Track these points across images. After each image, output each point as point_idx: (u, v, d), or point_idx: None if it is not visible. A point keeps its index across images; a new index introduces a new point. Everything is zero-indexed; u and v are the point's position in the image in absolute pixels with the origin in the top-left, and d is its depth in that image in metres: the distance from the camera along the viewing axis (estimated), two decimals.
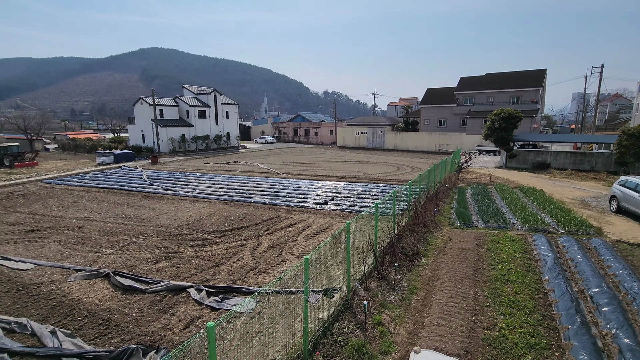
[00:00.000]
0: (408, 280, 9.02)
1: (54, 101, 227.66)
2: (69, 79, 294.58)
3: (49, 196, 19.36)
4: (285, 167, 31.14)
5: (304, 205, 16.87)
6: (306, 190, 20.60)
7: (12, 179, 24.51)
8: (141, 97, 45.53)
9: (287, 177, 25.62)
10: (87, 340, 6.64)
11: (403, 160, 37.86)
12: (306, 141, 67.66)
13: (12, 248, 11.45)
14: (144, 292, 8.40)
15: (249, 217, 14.94)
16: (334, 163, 34.87)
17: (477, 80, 53.83)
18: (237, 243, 11.86)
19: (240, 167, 31.86)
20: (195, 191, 20.32)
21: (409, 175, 26.14)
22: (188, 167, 31.49)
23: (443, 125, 55.45)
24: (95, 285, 8.84)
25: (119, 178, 25.26)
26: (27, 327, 6.92)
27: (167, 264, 10.12)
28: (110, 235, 12.72)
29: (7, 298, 8.23)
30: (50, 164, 32.98)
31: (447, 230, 13.31)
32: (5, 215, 15.37)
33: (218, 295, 8.19)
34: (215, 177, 25.73)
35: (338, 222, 14.24)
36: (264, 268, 9.82)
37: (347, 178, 25.19)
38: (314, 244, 11.68)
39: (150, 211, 16.10)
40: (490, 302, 7.84)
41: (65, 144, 47.72)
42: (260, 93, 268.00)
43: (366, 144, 55.08)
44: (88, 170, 28.87)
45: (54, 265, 10.00)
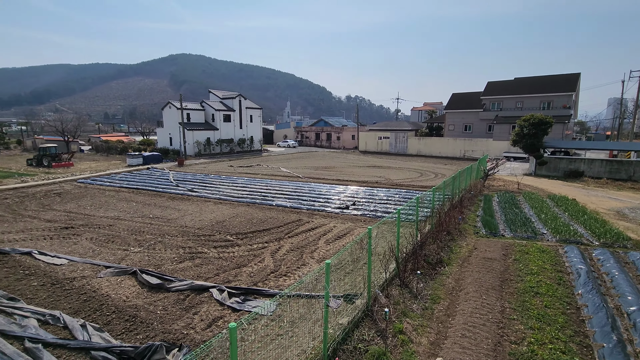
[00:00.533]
0: (431, 289, 8.80)
1: (89, 105, 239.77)
2: (104, 84, 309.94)
3: (83, 195, 20.33)
4: (307, 171, 31.29)
5: (325, 210, 16.86)
6: (327, 194, 20.60)
7: (50, 178, 25.93)
8: (170, 102, 47.17)
9: (309, 181, 25.73)
10: (115, 335, 6.88)
11: (426, 166, 37.17)
12: (328, 145, 67.79)
13: (48, 244, 12.08)
14: (169, 290, 8.63)
15: (271, 220, 15.09)
16: (356, 168, 34.72)
17: (505, 84, 52.24)
18: (258, 245, 11.99)
19: (263, 170, 32.30)
20: (219, 193, 20.76)
21: (432, 182, 25.63)
22: (212, 170, 32.24)
23: (468, 131, 54.10)
24: (123, 282, 9.17)
25: (147, 179, 26.19)
26: (60, 320, 7.26)
27: (190, 264, 10.36)
28: (138, 234, 13.18)
29: (43, 291, 8.67)
30: (85, 165, 34.68)
31: (472, 239, 12.91)
32: (42, 213, 16.26)
33: (239, 296, 8.29)
34: (238, 179, 26.20)
35: (359, 227, 14.12)
36: (284, 271, 9.86)
37: (369, 183, 24.99)
38: (335, 249, 11.63)
39: (175, 212, 16.58)
40: (518, 315, 7.52)
41: (98, 145, 50.08)
42: (284, 97, 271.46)
43: (388, 149, 54.52)
44: (119, 171, 30.13)
45: (85, 261, 10.47)
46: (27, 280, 9.27)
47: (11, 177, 26.00)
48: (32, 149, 49.80)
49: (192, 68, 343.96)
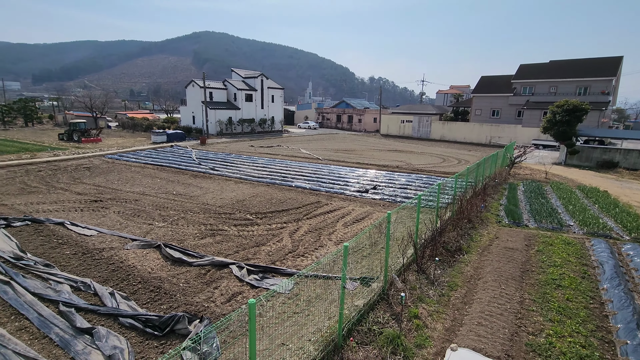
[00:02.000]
0: (448, 276, 8.74)
1: (116, 82, 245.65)
2: (130, 61, 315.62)
3: (110, 170, 21.12)
4: (327, 153, 31.19)
5: (344, 193, 16.85)
6: (347, 177, 20.53)
7: (80, 152, 27.03)
8: (193, 80, 47.59)
9: (329, 164, 25.67)
10: (140, 303, 7.25)
11: (450, 151, 36.26)
12: (349, 128, 67.05)
13: (79, 215, 12.71)
14: (191, 264, 8.96)
15: (290, 201, 15.24)
16: (376, 151, 34.29)
17: (539, 68, 49.50)
18: (277, 225, 12.18)
19: (283, 151, 32.43)
20: (239, 172, 21.08)
21: (455, 168, 25.03)
22: (234, 149, 32.66)
23: (496, 116, 52.04)
24: (148, 254, 9.58)
25: (171, 156, 26.86)
26: (91, 287, 7.71)
27: (211, 240, 10.67)
28: (162, 209, 13.65)
29: (75, 259, 9.19)
30: (112, 141, 35.87)
31: (494, 228, 12.63)
32: (74, 186, 17.04)
33: (257, 274, 8.51)
34: (258, 160, 26.46)
35: (378, 212, 14.07)
36: (302, 252, 10.01)
37: (389, 167, 24.69)
38: (353, 232, 11.67)
39: (198, 189, 17.00)
40: (538, 307, 7.38)
41: (124, 122, 51.53)
42: (306, 78, 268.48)
43: (411, 133, 53.39)
44: (144, 148, 31.01)
45: (113, 233, 10.97)
46: (61, 248, 9.84)
47: (44, 151, 27.26)
48: (63, 124, 51.83)
49: (215, 46, 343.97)
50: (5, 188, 16.13)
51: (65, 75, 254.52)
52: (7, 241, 9.99)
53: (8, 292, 7.40)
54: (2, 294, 7.35)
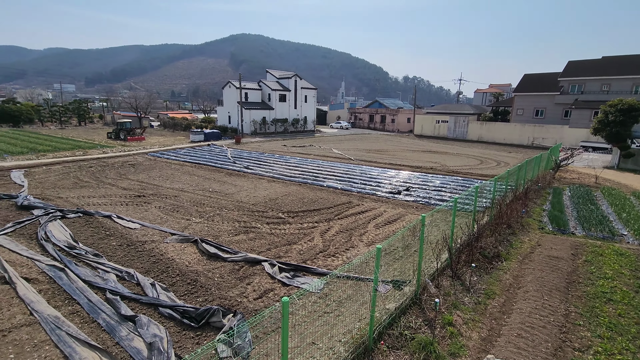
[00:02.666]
0: (485, 284, 8.38)
1: (158, 83, 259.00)
2: (171, 63, 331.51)
3: (152, 167, 22.30)
4: (358, 154, 30.99)
5: (375, 194, 16.66)
6: (379, 178, 20.27)
7: (125, 150, 28.78)
8: (230, 81, 49.11)
9: (360, 164, 25.49)
10: (178, 295, 7.60)
11: (488, 153, 34.73)
12: (382, 128, 66.16)
13: (124, 209, 13.54)
14: (225, 260, 9.25)
15: (321, 201, 15.30)
16: (410, 152, 33.57)
17: (590, 64, 46.11)
18: (308, 224, 12.28)
19: (315, 151, 32.62)
20: (272, 171, 21.47)
21: (493, 170, 23.94)
22: (267, 148, 33.33)
23: (540, 116, 49.13)
24: (186, 249, 10.02)
25: (208, 155, 27.89)
26: (134, 277, 8.18)
27: (245, 237, 10.96)
28: (199, 206, 14.21)
29: (120, 250, 9.81)
30: (154, 139, 37.86)
31: (536, 235, 11.93)
32: (119, 181, 18.18)
33: (289, 272, 8.62)
34: (291, 159, 26.80)
35: (410, 214, 13.77)
36: (333, 251, 10.02)
37: (423, 169, 24.08)
38: (384, 234, 11.51)
39: (232, 187, 17.52)
40: (585, 321, 6.89)
41: (165, 122, 54.19)
42: (339, 78, 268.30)
43: (446, 134, 51.74)
44: (183, 147, 32.45)
45: (154, 227, 11.58)
46: (108, 240, 10.53)
47: (95, 148, 29.31)
48: (111, 123, 55.43)
49: (251, 48, 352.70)
50: (61, 182, 17.53)
51: (114, 77, 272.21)
52: (62, 231, 10.85)
53: (63, 278, 8.04)
54: (58, 280, 7.99)
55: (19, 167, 20.55)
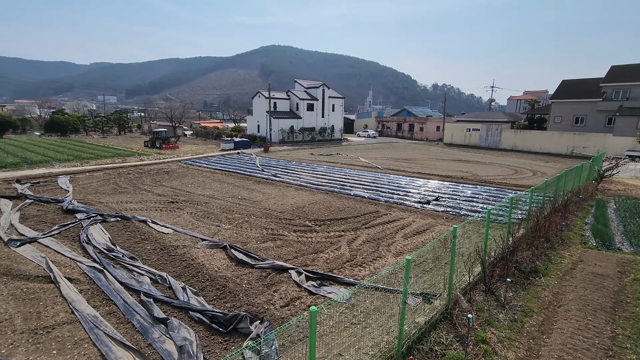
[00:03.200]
0: (522, 300, 7.93)
1: (192, 94, 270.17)
2: (205, 75, 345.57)
3: (185, 174, 23.16)
4: (386, 162, 30.64)
5: (403, 203, 16.35)
6: (407, 187, 19.91)
7: (161, 158, 30.11)
8: (259, 91, 50.40)
9: (388, 173, 25.17)
10: (207, 300, 7.76)
11: (523, 162, 33.23)
12: (410, 136, 65.16)
13: (158, 214, 14.10)
14: (253, 267, 9.37)
15: (348, 209, 15.21)
16: (439, 161, 32.77)
17: (636, 69, 43.25)
18: (335, 233, 12.22)
19: (342, 159, 32.61)
20: (299, 180, 21.65)
21: (529, 180, 22.84)
22: (294, 157, 33.71)
23: (580, 124, 46.51)
24: (215, 254, 10.25)
25: (237, 163, 28.60)
26: (166, 281, 8.46)
27: (272, 244, 11.07)
28: (228, 212, 14.54)
29: (154, 254, 10.19)
30: (187, 147, 39.38)
31: (578, 250, 11.20)
32: (155, 187, 19.00)
33: (315, 280, 8.59)
34: (318, 167, 26.94)
35: (440, 225, 13.37)
36: (359, 261, 9.89)
37: (453, 178, 23.39)
38: (413, 245, 11.24)
39: (260, 195, 17.82)
40: (633, 345, 6.34)
41: (198, 131, 56.30)
42: (366, 86, 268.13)
43: (478, 143, 50.12)
44: (214, 155, 33.50)
45: (186, 232, 11.96)
46: (143, 243, 10.99)
47: (132, 156, 30.89)
48: (148, 132, 58.29)
49: (280, 59, 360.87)
50: (102, 188, 18.57)
51: (152, 89, 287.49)
52: (102, 234, 11.45)
53: (101, 279, 8.45)
54: (97, 280, 8.42)
55: (65, 174, 22.02)
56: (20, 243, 10.61)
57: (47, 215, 13.70)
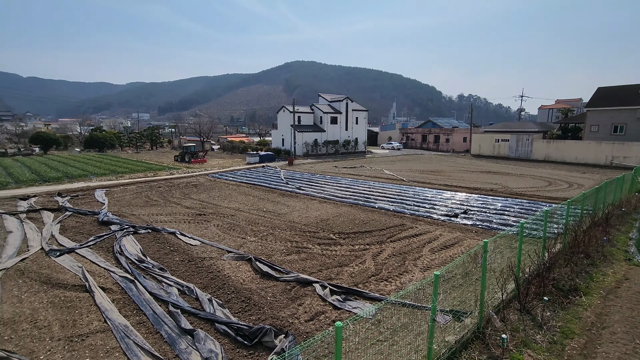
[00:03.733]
0: (561, 320, 7.43)
1: (220, 110, 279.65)
2: (232, 91, 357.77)
3: (212, 188, 23.77)
4: (411, 175, 30.14)
5: (430, 216, 15.94)
6: (433, 200, 19.43)
7: (189, 172, 31.14)
8: (284, 106, 51.43)
9: (413, 185, 24.72)
10: (233, 312, 7.81)
11: (557, 173, 31.68)
12: (435, 148, 63.97)
13: (186, 227, 14.49)
14: (277, 279, 9.38)
15: (373, 222, 15.01)
16: (467, 173, 31.85)
17: None
18: (360, 247, 12.06)
19: (366, 172, 32.41)
20: (323, 192, 21.67)
21: (565, 193, 21.70)
22: (318, 170, 33.86)
23: (619, 133, 43.95)
24: (240, 266, 10.36)
25: (262, 176, 29.08)
26: (193, 292, 8.61)
27: (296, 257, 11.05)
28: (254, 225, 14.72)
29: (182, 265, 10.44)
30: (214, 161, 40.53)
31: (622, 267, 10.43)
32: (183, 200, 19.61)
33: (340, 294, 8.46)
34: (342, 180, 26.88)
35: (469, 239, 12.89)
36: (385, 276, 9.67)
37: (482, 190, 22.61)
38: (441, 259, 10.87)
39: (285, 207, 17.95)
40: None
41: (225, 145, 57.93)
42: (390, 99, 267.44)
43: (507, 153, 48.40)
44: (240, 168, 34.26)
45: (213, 244, 12.19)
46: (172, 255, 11.29)
47: (163, 170, 32.14)
48: (178, 147, 60.68)
49: (304, 74, 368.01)
50: (135, 201, 19.39)
51: (182, 106, 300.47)
52: (134, 245, 11.89)
53: (132, 290, 8.73)
54: (128, 291, 8.70)
55: (102, 187, 23.20)
56: (59, 253, 11.19)
57: (84, 226, 14.41)
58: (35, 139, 53.37)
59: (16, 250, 11.61)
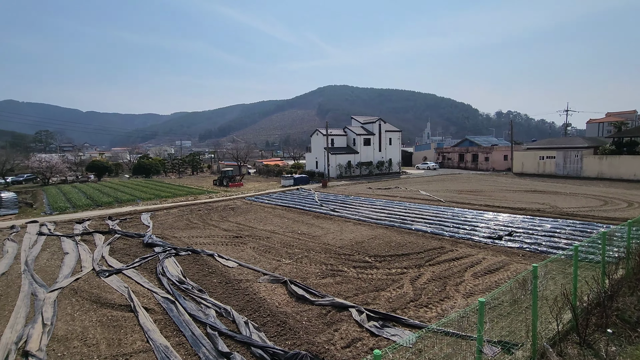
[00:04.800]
0: (629, 356, 6.61)
1: (255, 135, 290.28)
2: (267, 117, 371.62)
3: (249, 210, 24.35)
4: (449, 195, 29.08)
5: (471, 238, 15.15)
6: (474, 221, 18.51)
7: (227, 195, 32.22)
8: (317, 129, 52.41)
9: (452, 206, 23.78)
10: (268, 336, 7.76)
11: (613, 191, 29.13)
12: (474, 167, 61.60)
13: (223, 249, 14.85)
14: (313, 303, 9.24)
15: (410, 245, 14.52)
16: (509, 192, 30.19)
17: None
18: (397, 270, 11.65)
19: (401, 193, 31.75)
20: (358, 214, 21.42)
21: (625, 213, 19.82)
22: (352, 191, 33.69)
23: None
24: (276, 289, 10.36)
25: (297, 198, 29.39)
26: (230, 314, 8.69)
27: (332, 281, 10.88)
28: (289, 247, 14.78)
29: (220, 287, 10.63)
30: (250, 185, 41.72)
31: None
32: (221, 223, 20.21)
33: (377, 320, 8.15)
34: (376, 201, 26.49)
35: (516, 263, 12.04)
36: (425, 301, 9.21)
37: (528, 211, 21.24)
38: (485, 285, 10.21)
39: (319, 230, 17.91)
40: None
41: (260, 169, 59.63)
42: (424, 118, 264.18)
43: (554, 171, 45.48)
44: (275, 191, 34.93)
45: (249, 266, 12.35)
46: (210, 277, 11.56)
47: (203, 194, 33.54)
48: (216, 172, 63.33)
49: (337, 97, 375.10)
50: (176, 223, 20.29)
51: (221, 132, 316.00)
52: (175, 267, 12.34)
53: (173, 310, 8.98)
54: (169, 311, 8.96)
55: (147, 211, 24.57)
56: (108, 274, 11.86)
57: (131, 248, 15.23)
58: (91, 167, 58.32)
59: (71, 270, 12.46)
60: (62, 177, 54.74)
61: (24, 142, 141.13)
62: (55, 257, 14.20)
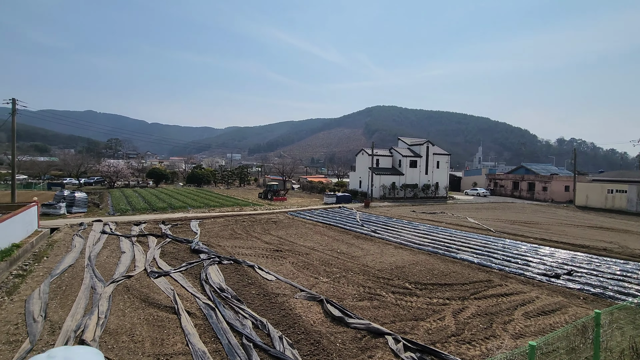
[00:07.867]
0: None
1: (302, 152, 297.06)
2: (313, 135, 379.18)
3: (290, 225, 24.75)
4: (500, 225, 27.27)
5: (523, 274, 14.01)
6: (527, 255, 17.13)
7: (270, 208, 33.09)
8: (363, 149, 52.42)
9: (503, 237, 22.25)
10: (302, 354, 7.72)
11: None
12: (530, 197, 57.33)
13: (263, 261, 15.18)
14: (348, 325, 9.06)
15: (454, 275, 13.77)
16: (570, 227, 27.59)
17: None
18: (438, 300, 11.08)
19: (447, 218, 30.39)
20: (399, 237, 20.82)
21: None
22: (395, 213, 32.91)
23: None
24: (312, 307, 10.33)
25: (338, 217, 29.34)
26: (266, 327, 8.80)
27: (369, 304, 10.61)
28: (327, 265, 14.73)
29: (257, 299, 10.84)
30: (293, 200, 42.48)
31: None
32: (263, 236, 20.73)
33: (415, 352, 7.77)
34: (420, 226, 25.60)
35: (575, 306, 10.89)
36: (468, 337, 8.62)
37: (592, 249, 19.21)
38: (538, 327, 9.33)
39: (359, 250, 17.66)
40: None
41: (304, 185, 60.63)
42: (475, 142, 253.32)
43: (625, 206, 40.88)
44: (317, 208, 35.20)
45: (287, 281, 12.47)
46: (249, 287, 11.84)
47: (248, 206, 34.77)
48: (262, 185, 65.51)
49: (384, 118, 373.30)
50: (222, 233, 21.19)
51: (269, 147, 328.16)
52: (217, 274, 12.84)
53: (212, 317, 9.31)
54: (209, 317, 9.30)
55: (196, 218, 25.98)
56: (157, 275, 12.65)
57: (179, 253, 16.14)
58: (150, 174, 63.42)
59: (126, 268, 13.48)
60: (125, 181, 60.09)
61: (97, 148, 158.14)
62: (113, 255, 15.47)
